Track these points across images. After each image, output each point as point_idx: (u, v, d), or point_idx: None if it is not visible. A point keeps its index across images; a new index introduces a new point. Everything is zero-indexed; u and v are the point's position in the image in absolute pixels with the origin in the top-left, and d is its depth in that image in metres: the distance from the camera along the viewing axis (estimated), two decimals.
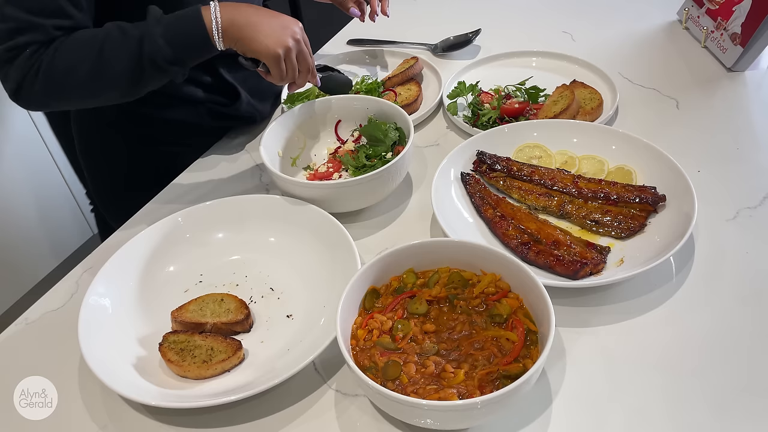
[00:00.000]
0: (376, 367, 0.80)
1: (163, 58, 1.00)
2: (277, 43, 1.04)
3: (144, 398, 0.82)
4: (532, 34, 1.63)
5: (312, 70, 1.12)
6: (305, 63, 1.10)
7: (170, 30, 1.01)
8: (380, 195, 1.13)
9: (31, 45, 0.98)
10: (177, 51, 1.01)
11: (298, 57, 1.08)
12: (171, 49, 1.01)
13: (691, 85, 1.38)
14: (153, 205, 1.22)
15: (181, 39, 1.02)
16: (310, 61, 1.11)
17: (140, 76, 1.02)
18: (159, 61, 1.00)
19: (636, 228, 1.02)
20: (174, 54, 1.01)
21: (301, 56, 1.08)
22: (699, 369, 0.84)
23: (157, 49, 1.00)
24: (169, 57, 1.01)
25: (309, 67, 1.11)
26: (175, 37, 1.01)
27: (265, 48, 1.03)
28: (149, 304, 1.00)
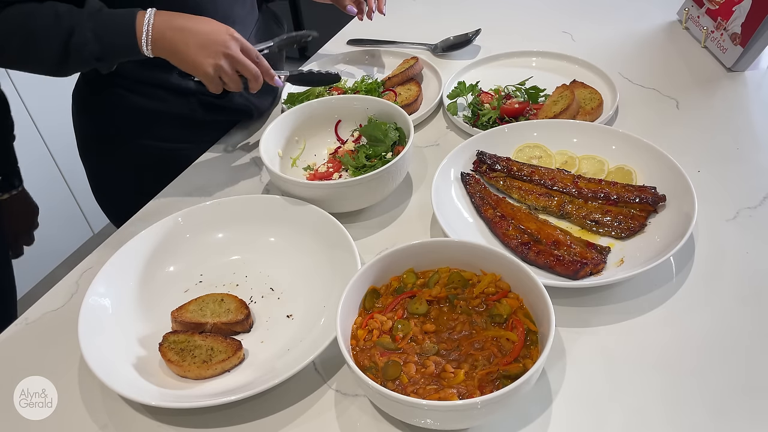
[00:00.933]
0: (376, 367, 0.80)
1: (89, 52, 1.03)
2: (207, 61, 1.04)
3: (144, 398, 0.82)
4: (532, 34, 1.63)
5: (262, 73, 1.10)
6: (248, 72, 1.09)
7: (101, 28, 1.03)
8: (380, 195, 1.13)
9: None
10: (104, 50, 1.04)
11: (238, 67, 1.07)
12: (98, 47, 1.03)
13: (691, 85, 1.38)
14: (153, 205, 1.22)
15: (110, 39, 1.04)
16: (252, 69, 1.09)
17: (65, 62, 1.04)
18: (85, 55, 1.03)
19: (636, 228, 1.02)
20: (101, 52, 1.04)
21: (240, 66, 1.07)
22: (699, 369, 0.84)
23: (84, 43, 1.02)
24: (95, 53, 1.03)
25: (253, 74, 1.09)
26: (104, 36, 1.03)
27: (194, 68, 1.05)
28: (149, 304, 1.00)
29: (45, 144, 2.41)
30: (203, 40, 1.05)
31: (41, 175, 2.43)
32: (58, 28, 1.02)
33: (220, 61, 1.05)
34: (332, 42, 1.72)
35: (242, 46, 1.08)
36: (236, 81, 1.09)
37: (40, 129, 2.37)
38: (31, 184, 2.38)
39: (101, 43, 1.03)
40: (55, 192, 2.49)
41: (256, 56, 1.10)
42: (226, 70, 1.06)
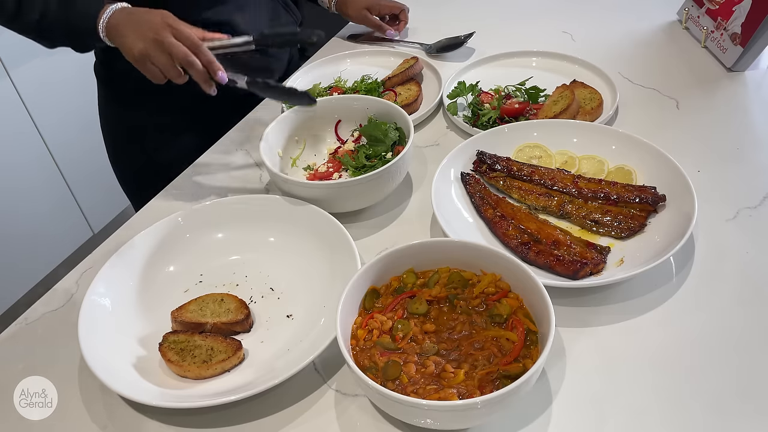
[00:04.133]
0: (376, 367, 0.80)
1: (59, 30, 1.07)
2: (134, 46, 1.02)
3: (144, 398, 0.82)
4: (532, 34, 1.63)
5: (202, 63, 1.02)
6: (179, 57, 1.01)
7: (70, 12, 1.06)
8: (380, 195, 1.13)
9: None
10: (70, 30, 1.07)
11: (169, 52, 1.01)
12: (66, 28, 1.07)
13: (691, 85, 1.38)
14: (153, 205, 1.22)
15: (73, 21, 1.06)
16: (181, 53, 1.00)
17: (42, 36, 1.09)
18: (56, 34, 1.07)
19: (636, 228, 1.02)
20: (68, 31, 1.07)
21: (171, 49, 1.00)
22: (699, 369, 0.84)
23: (55, 21, 1.06)
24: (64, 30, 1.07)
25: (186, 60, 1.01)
26: (71, 19, 1.06)
27: (126, 52, 1.03)
28: (149, 304, 1.00)
29: (45, 144, 2.41)
30: (136, 24, 1.02)
31: (41, 175, 2.43)
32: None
33: (147, 45, 1.00)
34: (332, 42, 1.72)
35: (177, 32, 1.01)
36: (171, 68, 1.02)
37: (40, 129, 2.37)
38: (31, 184, 2.40)
39: (68, 25, 1.06)
40: (55, 192, 2.49)
41: (194, 44, 1.02)
42: (154, 55, 1.01)
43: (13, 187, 2.34)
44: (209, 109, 1.37)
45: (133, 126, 1.45)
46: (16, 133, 2.32)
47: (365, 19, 1.61)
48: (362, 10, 1.60)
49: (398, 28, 1.65)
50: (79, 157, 2.46)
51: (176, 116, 1.42)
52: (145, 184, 1.29)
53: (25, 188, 2.40)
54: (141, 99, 1.39)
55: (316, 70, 1.55)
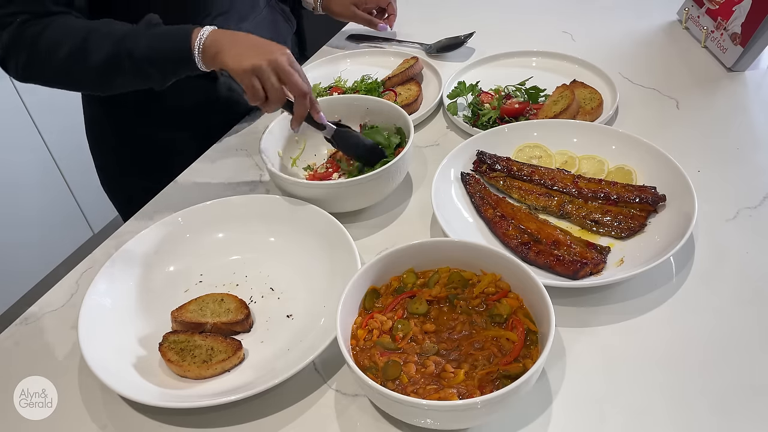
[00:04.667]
0: (376, 367, 0.80)
1: (141, 54, 1.02)
2: (248, 59, 1.00)
3: (144, 398, 0.82)
4: (532, 34, 1.63)
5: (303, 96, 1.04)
6: (294, 88, 1.03)
7: (156, 34, 1.04)
8: (380, 195, 1.13)
9: (24, 14, 1.01)
10: (156, 53, 1.03)
11: (281, 78, 1.01)
12: (150, 50, 1.03)
13: (691, 85, 1.38)
14: (153, 205, 1.22)
15: (163, 44, 1.04)
16: (298, 81, 1.03)
17: (117, 70, 1.04)
18: (136, 56, 1.02)
19: (636, 228, 1.02)
20: (152, 54, 1.03)
21: (284, 78, 1.01)
22: (699, 369, 0.84)
23: (137, 46, 1.02)
24: (147, 55, 1.03)
25: (300, 91, 1.03)
26: (157, 40, 1.03)
27: (233, 62, 1.01)
28: (149, 304, 1.00)
29: (45, 144, 2.41)
30: (255, 44, 1.03)
31: (41, 175, 2.43)
32: (112, 34, 1.03)
33: (261, 62, 1.00)
34: (332, 42, 1.72)
35: (293, 62, 1.04)
36: (278, 91, 1.02)
37: (40, 129, 2.37)
38: (31, 184, 2.40)
39: (152, 47, 1.03)
40: (55, 192, 2.49)
41: (305, 77, 1.05)
42: (266, 74, 1.00)
43: (14, 187, 2.34)
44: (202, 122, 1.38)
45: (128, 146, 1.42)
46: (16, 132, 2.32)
47: (354, 15, 1.58)
48: (350, 6, 1.57)
49: (389, 21, 1.62)
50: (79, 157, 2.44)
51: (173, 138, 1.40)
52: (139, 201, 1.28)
53: (26, 188, 2.39)
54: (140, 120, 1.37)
55: (316, 70, 1.55)
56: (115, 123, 1.38)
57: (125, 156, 1.42)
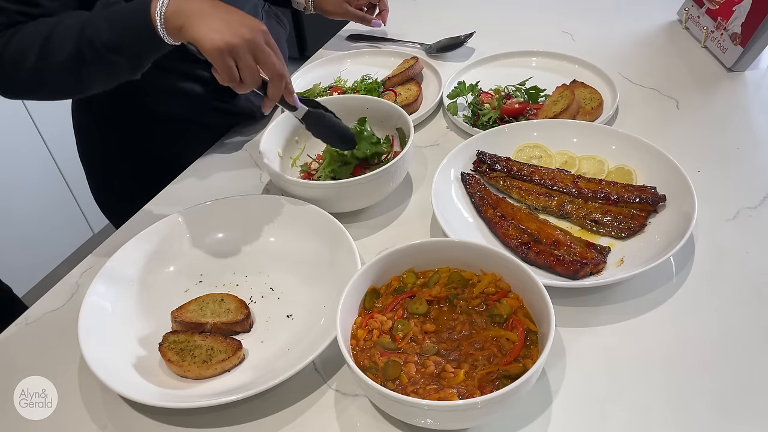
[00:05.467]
0: (376, 367, 0.80)
1: (101, 42, 0.91)
2: (222, 35, 0.89)
3: (144, 398, 0.82)
4: (532, 34, 1.63)
5: (280, 78, 0.95)
6: (271, 68, 0.94)
7: (114, 14, 0.93)
8: (380, 195, 1.13)
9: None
10: (117, 35, 0.92)
11: (258, 58, 0.92)
12: (111, 33, 0.92)
13: (691, 85, 1.38)
14: (153, 205, 1.22)
15: (123, 25, 0.92)
16: (279, 67, 0.94)
17: (81, 64, 0.93)
18: (97, 45, 0.92)
19: (636, 228, 1.02)
20: (113, 38, 0.92)
21: (261, 58, 0.92)
22: (699, 369, 0.84)
23: (96, 33, 0.92)
24: (107, 41, 0.91)
25: (277, 72, 0.94)
26: (116, 22, 0.92)
27: (205, 37, 0.89)
28: (149, 304, 1.00)
29: (45, 144, 2.41)
30: (229, 19, 0.92)
31: (41, 175, 2.43)
32: (73, 26, 0.93)
33: (237, 40, 0.89)
34: (332, 42, 1.72)
35: (270, 44, 0.94)
36: (253, 70, 0.93)
37: (40, 129, 2.37)
38: (32, 184, 2.40)
39: (113, 29, 0.91)
40: (55, 192, 2.49)
41: (281, 57, 0.95)
42: (242, 54, 0.90)
43: (14, 187, 2.34)
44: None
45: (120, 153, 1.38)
46: (16, 132, 2.32)
47: (346, 12, 1.56)
48: (342, 3, 1.54)
49: (381, 17, 1.60)
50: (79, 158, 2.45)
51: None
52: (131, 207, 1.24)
53: (25, 188, 2.39)
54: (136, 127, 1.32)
55: (316, 70, 1.55)
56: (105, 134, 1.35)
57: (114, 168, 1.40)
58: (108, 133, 1.34)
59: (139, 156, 1.35)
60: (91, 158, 1.42)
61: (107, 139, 1.36)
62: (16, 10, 0.95)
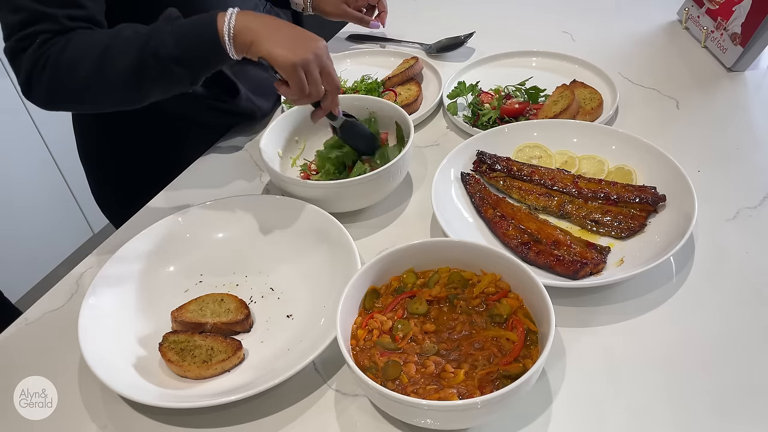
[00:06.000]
0: (376, 367, 0.80)
1: (167, 54, 0.94)
2: (294, 51, 0.94)
3: (144, 398, 0.82)
4: (532, 34, 1.63)
5: (337, 90, 1.03)
6: (331, 81, 1.00)
7: (180, 28, 0.96)
8: (380, 195, 1.13)
9: (43, 34, 0.94)
10: (183, 49, 0.95)
11: (322, 73, 0.98)
12: (177, 47, 0.94)
13: (691, 85, 1.38)
14: (153, 205, 1.22)
15: (190, 39, 0.95)
16: (337, 80, 1.01)
17: (142, 74, 0.95)
18: (162, 57, 0.94)
19: (636, 228, 1.02)
20: (179, 52, 0.94)
21: (324, 72, 0.99)
22: (699, 369, 0.84)
23: (162, 44, 0.94)
24: (173, 54, 0.94)
25: (336, 86, 1.01)
26: (183, 36, 0.95)
27: (279, 53, 0.94)
28: (149, 304, 1.00)
29: (45, 144, 2.41)
30: (294, 34, 0.97)
31: (41, 174, 2.43)
32: (135, 38, 0.95)
33: (309, 56, 0.95)
34: (332, 42, 1.72)
35: (329, 55, 1.00)
36: (318, 84, 0.98)
37: (40, 129, 2.37)
38: (32, 184, 2.40)
39: (179, 43, 0.94)
40: (55, 192, 2.49)
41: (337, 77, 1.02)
42: (312, 69, 0.96)
43: (14, 187, 2.34)
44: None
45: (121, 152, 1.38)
46: (16, 132, 2.32)
47: (345, 13, 1.56)
48: (340, 4, 1.54)
49: (380, 18, 1.60)
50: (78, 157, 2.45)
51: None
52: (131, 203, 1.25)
53: (25, 188, 2.39)
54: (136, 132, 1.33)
55: None
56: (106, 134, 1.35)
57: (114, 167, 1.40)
58: (108, 132, 1.34)
59: (139, 156, 1.35)
60: (91, 158, 1.43)
61: (108, 139, 1.36)
62: (65, 15, 0.96)
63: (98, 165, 1.42)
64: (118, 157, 1.37)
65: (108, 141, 1.36)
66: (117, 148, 1.36)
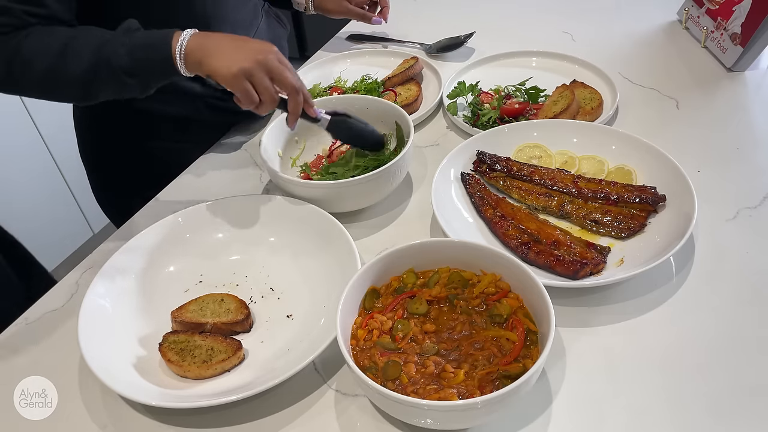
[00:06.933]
0: (376, 367, 0.80)
1: (118, 65, 0.96)
2: (234, 62, 0.95)
3: (144, 398, 0.82)
4: (532, 34, 1.63)
5: (296, 92, 1.00)
6: (286, 84, 0.99)
7: (135, 41, 0.97)
8: (380, 195, 1.13)
9: (2, 28, 0.96)
10: (135, 62, 0.97)
11: (272, 77, 0.97)
12: (129, 59, 0.96)
13: (691, 85, 1.38)
14: (153, 205, 1.22)
15: (143, 52, 0.97)
16: (293, 81, 0.99)
17: (94, 79, 0.97)
18: (114, 67, 0.96)
19: (636, 228, 1.02)
20: (131, 64, 0.96)
21: (276, 77, 0.98)
22: (699, 369, 0.84)
23: (115, 55, 0.96)
24: (125, 65, 0.96)
25: (293, 87, 0.99)
26: (136, 48, 0.97)
27: (220, 67, 0.95)
28: (149, 304, 1.00)
29: (45, 144, 2.41)
30: (239, 46, 0.97)
31: (41, 175, 2.43)
32: (91, 43, 0.97)
33: (250, 64, 0.95)
34: (332, 42, 1.72)
35: (281, 58, 0.99)
36: (269, 90, 0.98)
37: (40, 129, 2.37)
38: (32, 184, 2.40)
39: (132, 55, 0.96)
40: (55, 192, 2.49)
41: (295, 73, 1.01)
42: (257, 75, 0.96)
43: (14, 187, 2.34)
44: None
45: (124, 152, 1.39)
46: (15, 132, 2.31)
47: (347, 10, 1.55)
48: (342, 1, 1.54)
49: (382, 14, 1.59)
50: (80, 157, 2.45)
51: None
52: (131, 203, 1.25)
53: (25, 188, 2.39)
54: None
55: (316, 70, 1.55)
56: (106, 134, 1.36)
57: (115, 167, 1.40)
58: (109, 132, 1.34)
59: (139, 155, 1.35)
60: (92, 157, 1.43)
61: (108, 138, 1.36)
62: (24, 11, 0.97)
63: (99, 165, 1.43)
64: (118, 157, 1.37)
65: (108, 141, 1.36)
66: (117, 148, 1.36)
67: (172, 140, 1.34)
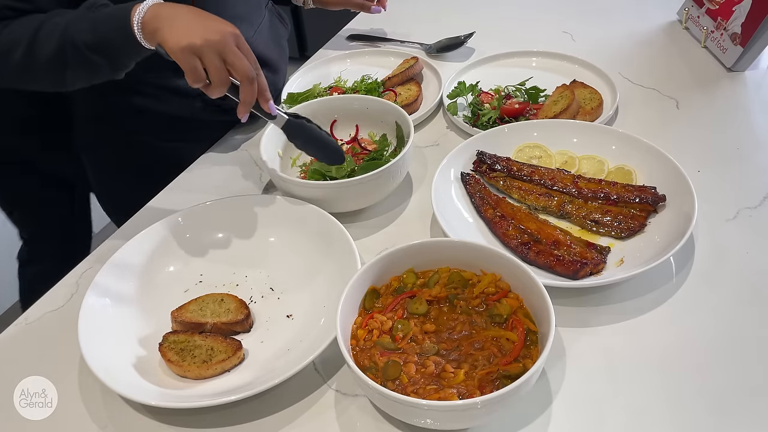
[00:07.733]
0: (376, 367, 0.80)
1: (82, 42, 0.94)
2: (187, 36, 0.89)
3: (144, 398, 0.82)
4: (532, 34, 1.63)
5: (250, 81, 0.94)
6: (239, 70, 0.92)
7: (97, 17, 0.95)
8: (380, 195, 1.13)
9: None
10: (98, 37, 0.94)
11: (226, 59, 0.92)
12: (92, 35, 0.94)
13: (691, 85, 1.38)
14: (153, 205, 1.22)
15: (104, 26, 0.94)
16: (248, 70, 0.93)
17: (64, 62, 0.96)
18: (79, 45, 0.94)
19: (636, 228, 1.02)
20: (94, 40, 0.94)
21: (230, 58, 0.92)
22: (699, 369, 0.84)
23: (78, 33, 0.94)
24: (89, 42, 0.94)
25: (245, 74, 0.93)
26: (99, 22, 0.95)
27: (170, 38, 0.90)
28: (149, 304, 1.00)
29: None
30: (197, 20, 0.93)
31: None
32: (60, 22, 0.96)
33: (201, 41, 0.90)
34: (332, 42, 1.72)
35: (242, 47, 0.94)
36: (219, 71, 0.92)
37: None
38: None
39: (95, 32, 0.94)
40: None
41: (256, 66, 0.95)
42: (208, 54, 0.90)
43: None
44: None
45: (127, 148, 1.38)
46: None
47: (346, 1, 1.55)
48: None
49: (381, 2, 1.57)
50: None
51: None
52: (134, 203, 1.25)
53: None
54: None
55: (316, 70, 1.55)
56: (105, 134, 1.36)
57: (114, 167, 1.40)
58: (108, 132, 1.34)
59: (138, 155, 1.35)
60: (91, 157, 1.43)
61: (108, 139, 1.36)
62: (6, 5, 0.97)
63: (99, 165, 1.42)
64: (118, 157, 1.37)
65: (108, 141, 1.36)
66: (117, 148, 1.36)
67: (172, 140, 1.34)
